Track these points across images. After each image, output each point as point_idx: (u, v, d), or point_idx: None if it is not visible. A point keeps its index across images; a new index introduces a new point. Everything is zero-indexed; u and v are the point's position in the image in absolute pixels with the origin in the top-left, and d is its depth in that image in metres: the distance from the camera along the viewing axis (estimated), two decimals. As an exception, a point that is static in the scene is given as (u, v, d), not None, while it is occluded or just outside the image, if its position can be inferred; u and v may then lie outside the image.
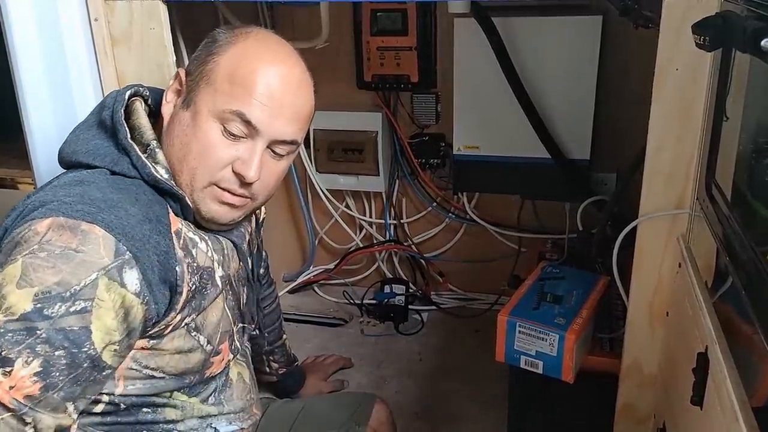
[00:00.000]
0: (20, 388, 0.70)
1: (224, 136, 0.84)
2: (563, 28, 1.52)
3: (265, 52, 0.86)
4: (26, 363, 0.70)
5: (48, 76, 1.13)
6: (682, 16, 0.91)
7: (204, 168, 0.85)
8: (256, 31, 0.89)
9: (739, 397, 0.67)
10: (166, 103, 0.88)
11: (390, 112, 1.82)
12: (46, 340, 0.71)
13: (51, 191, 0.80)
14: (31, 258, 0.72)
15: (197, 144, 0.84)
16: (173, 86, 0.88)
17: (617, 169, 1.68)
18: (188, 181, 0.86)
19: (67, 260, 0.73)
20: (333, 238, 2.05)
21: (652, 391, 1.14)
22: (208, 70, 0.84)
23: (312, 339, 1.84)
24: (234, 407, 0.99)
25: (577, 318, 1.20)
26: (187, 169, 0.85)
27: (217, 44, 0.86)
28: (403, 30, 1.68)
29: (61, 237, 0.74)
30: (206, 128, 0.83)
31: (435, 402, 1.58)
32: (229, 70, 0.83)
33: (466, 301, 1.96)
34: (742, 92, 0.81)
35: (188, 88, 0.86)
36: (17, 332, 0.70)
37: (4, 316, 0.70)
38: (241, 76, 0.83)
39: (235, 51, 0.84)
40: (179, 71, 0.88)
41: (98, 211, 0.77)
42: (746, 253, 0.70)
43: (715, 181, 0.88)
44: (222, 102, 0.83)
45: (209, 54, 0.85)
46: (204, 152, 0.84)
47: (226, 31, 0.88)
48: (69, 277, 0.72)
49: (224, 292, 0.93)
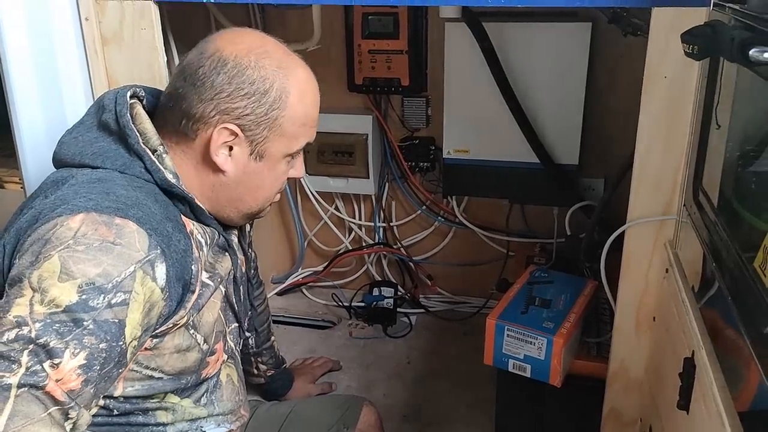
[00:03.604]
0: (66, 382, 0.69)
1: (288, 162, 0.95)
2: (553, 34, 1.53)
3: (310, 86, 0.92)
4: (73, 355, 0.69)
5: (38, 76, 1.12)
6: (671, 24, 0.92)
7: (274, 192, 0.97)
8: (285, 59, 0.89)
9: (725, 401, 0.68)
10: (218, 156, 0.87)
11: (380, 115, 1.82)
12: (92, 332, 0.71)
13: (70, 189, 0.80)
14: (69, 252, 0.72)
15: (271, 180, 0.94)
16: (223, 141, 0.87)
17: (605, 174, 1.70)
18: (258, 208, 0.96)
19: (106, 252, 0.73)
20: (322, 240, 2.05)
21: (638, 395, 1.15)
22: (278, 124, 0.88)
23: (300, 341, 1.83)
24: (223, 409, 0.99)
25: (565, 322, 1.21)
26: (257, 202, 0.95)
27: (269, 96, 0.86)
28: (395, 33, 1.68)
29: (96, 231, 0.74)
30: (281, 168, 0.93)
31: (423, 405, 1.58)
32: (295, 120, 0.89)
33: (455, 304, 1.97)
34: (729, 100, 0.82)
35: (253, 141, 0.88)
36: (64, 324, 0.70)
37: (48, 308, 0.69)
38: (304, 118, 0.91)
39: (294, 100, 0.88)
40: (229, 127, 0.86)
41: (127, 207, 0.78)
42: (732, 259, 0.71)
43: (702, 187, 0.89)
44: (295, 144, 0.92)
45: (272, 110, 0.87)
46: (276, 182, 0.95)
47: (254, 65, 0.86)
48: (110, 268, 0.73)
49: (218, 291, 0.93)
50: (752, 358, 0.61)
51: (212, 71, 0.85)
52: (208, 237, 0.90)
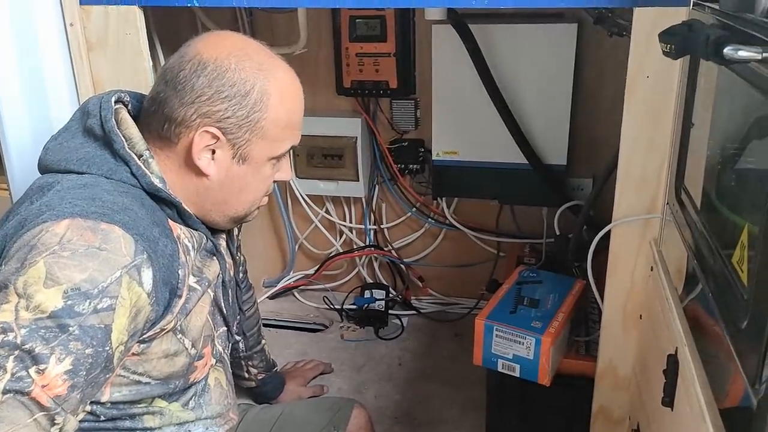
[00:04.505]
0: (52, 387, 0.69)
1: (273, 166, 0.94)
2: (539, 35, 1.54)
3: (293, 88, 0.92)
4: (59, 360, 0.69)
5: (23, 81, 1.12)
6: (652, 24, 0.93)
7: (260, 196, 0.96)
8: (267, 61, 0.89)
9: (707, 398, 0.68)
10: (200, 159, 0.87)
11: (369, 118, 1.83)
12: (78, 337, 0.71)
13: (55, 195, 0.80)
14: (54, 258, 0.72)
15: (256, 184, 0.93)
16: (205, 145, 0.86)
17: (593, 174, 1.71)
18: (244, 212, 0.95)
19: (92, 258, 0.73)
20: (313, 243, 2.05)
21: (627, 393, 1.15)
22: (260, 127, 0.88)
23: (292, 344, 1.83)
24: (212, 412, 0.99)
25: (553, 321, 1.22)
26: (243, 205, 0.94)
27: (249, 98, 0.86)
28: (382, 36, 1.68)
29: (82, 236, 0.74)
30: (265, 171, 0.93)
31: (414, 406, 1.58)
32: (277, 122, 0.89)
33: (446, 305, 1.97)
34: (710, 99, 0.82)
35: (235, 144, 0.87)
36: (49, 329, 0.70)
37: (33, 314, 0.69)
38: (287, 121, 0.91)
39: (276, 101, 0.88)
40: (210, 130, 0.85)
41: (113, 213, 0.77)
42: (713, 256, 0.72)
43: (684, 186, 0.90)
44: (279, 147, 0.91)
45: (253, 112, 0.86)
46: (262, 185, 0.94)
47: (234, 66, 0.85)
48: (96, 274, 0.73)
49: (206, 295, 0.93)
50: (732, 353, 0.61)
51: (192, 74, 0.85)
52: (195, 241, 0.90)
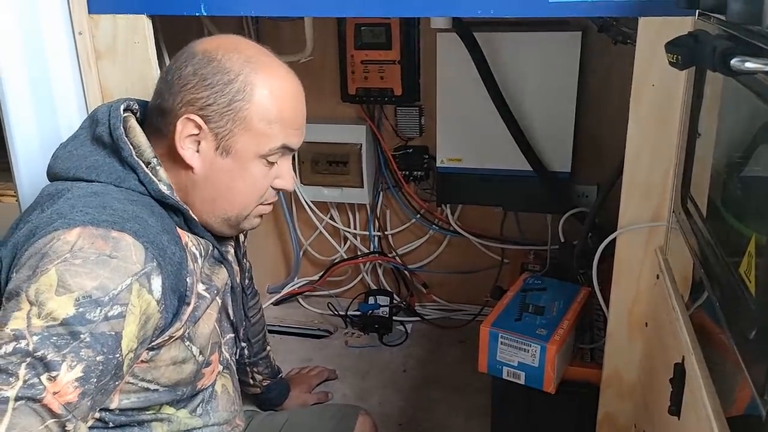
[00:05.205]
0: (63, 394, 0.70)
1: (265, 166, 0.91)
2: (544, 43, 1.55)
3: (285, 83, 0.90)
4: (70, 368, 0.70)
5: (32, 89, 1.13)
6: (657, 33, 0.94)
7: (253, 199, 0.93)
8: (258, 56, 0.89)
9: (714, 407, 0.68)
10: (184, 149, 0.87)
11: (374, 125, 1.83)
12: (89, 344, 0.71)
13: (66, 203, 0.81)
14: (66, 266, 0.73)
15: (245, 183, 0.91)
16: (189, 134, 0.87)
17: (598, 181, 1.71)
18: (235, 214, 0.93)
19: (103, 266, 0.74)
20: (317, 249, 2.05)
21: (632, 400, 1.15)
22: (242, 117, 0.87)
23: (296, 351, 1.84)
24: (219, 419, 0.99)
25: (558, 329, 1.22)
26: (232, 206, 0.92)
27: (232, 86, 0.86)
28: (387, 44, 1.69)
29: (93, 244, 0.75)
30: (253, 169, 0.90)
31: (419, 413, 1.58)
32: (263, 114, 0.88)
33: (450, 312, 1.97)
34: (716, 108, 0.83)
35: (218, 135, 0.87)
36: (61, 337, 0.70)
37: (45, 321, 0.70)
38: (276, 115, 0.89)
39: (261, 92, 0.87)
40: (192, 118, 0.86)
41: (124, 221, 0.78)
42: (719, 265, 0.72)
43: (690, 194, 0.90)
44: (266, 143, 0.89)
45: (234, 101, 0.86)
46: (253, 187, 0.92)
47: (220, 57, 0.87)
48: (107, 281, 0.73)
49: (215, 302, 0.94)
50: (739, 363, 0.61)
51: (182, 65, 0.87)
52: (202, 249, 0.90)
